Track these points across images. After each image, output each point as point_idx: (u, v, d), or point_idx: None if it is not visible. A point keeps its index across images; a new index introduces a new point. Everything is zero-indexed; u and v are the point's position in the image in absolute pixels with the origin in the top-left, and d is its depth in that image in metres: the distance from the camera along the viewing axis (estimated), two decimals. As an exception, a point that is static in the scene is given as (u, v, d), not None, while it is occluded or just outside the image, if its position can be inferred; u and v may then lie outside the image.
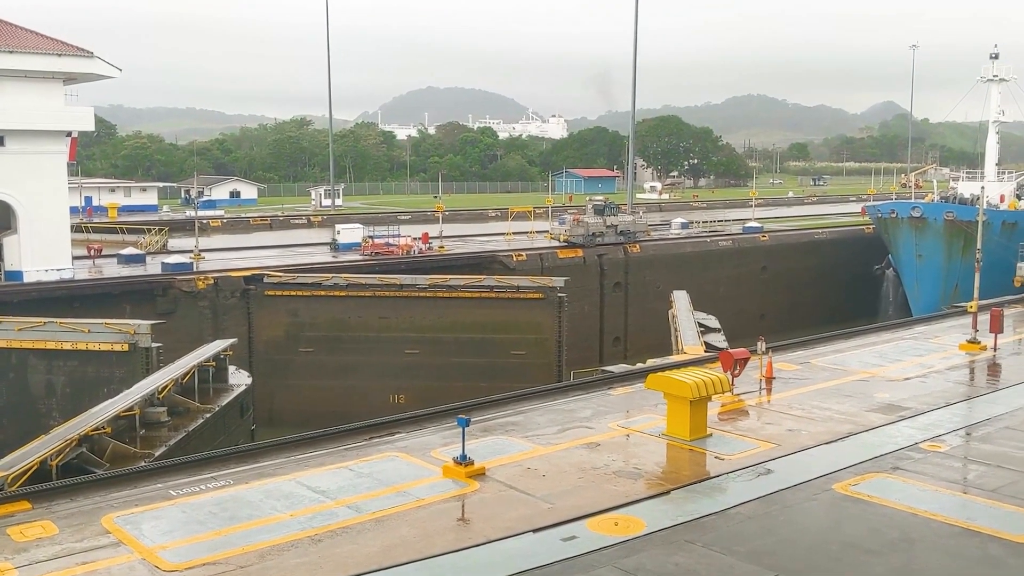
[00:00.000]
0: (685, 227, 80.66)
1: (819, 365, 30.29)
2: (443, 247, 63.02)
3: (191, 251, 57.21)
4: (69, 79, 48.93)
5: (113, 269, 53.71)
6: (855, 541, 15.91)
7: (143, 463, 22.05)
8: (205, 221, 79.34)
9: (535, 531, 16.36)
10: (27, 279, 46.70)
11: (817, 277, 74.62)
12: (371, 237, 63.28)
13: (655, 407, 23.82)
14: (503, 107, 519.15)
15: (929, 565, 15.08)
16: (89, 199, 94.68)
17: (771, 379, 27.60)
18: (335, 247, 64.15)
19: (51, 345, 36.13)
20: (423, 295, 48.54)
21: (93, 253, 57.34)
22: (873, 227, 70.99)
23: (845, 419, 23.73)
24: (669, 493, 18.37)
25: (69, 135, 50.30)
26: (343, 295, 48.59)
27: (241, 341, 41.57)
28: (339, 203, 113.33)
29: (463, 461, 19.32)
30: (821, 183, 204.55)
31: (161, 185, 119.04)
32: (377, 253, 59.49)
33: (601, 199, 71.03)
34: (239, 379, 32.74)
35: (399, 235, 63.89)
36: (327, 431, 22.45)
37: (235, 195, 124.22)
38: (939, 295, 60.47)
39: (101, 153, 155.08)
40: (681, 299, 42.68)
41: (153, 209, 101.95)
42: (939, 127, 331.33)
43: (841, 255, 76.78)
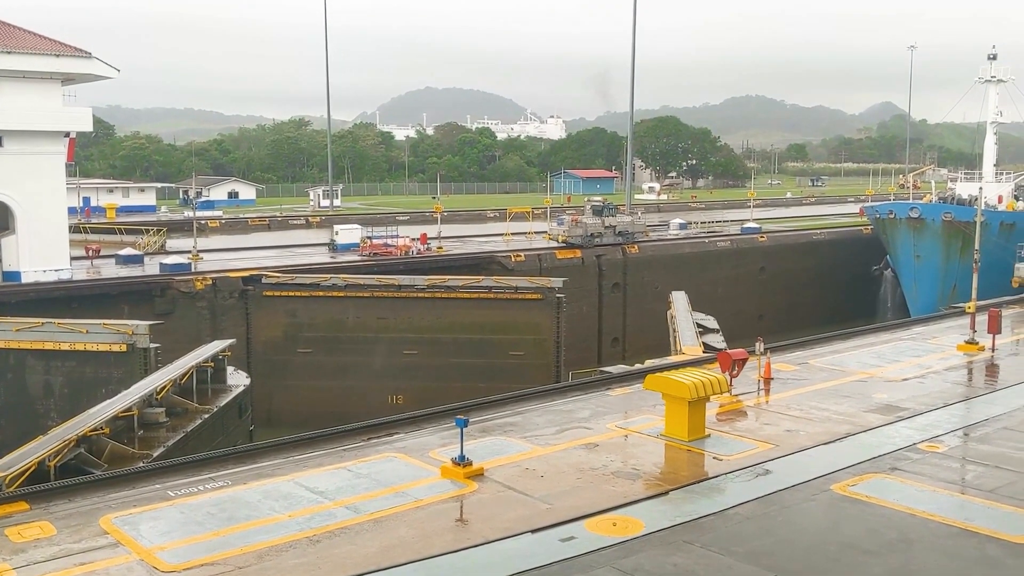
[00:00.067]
0: (683, 228, 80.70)
1: (817, 366, 30.32)
2: (441, 248, 63.02)
3: (189, 252, 57.20)
4: (67, 80, 48.92)
5: (111, 270, 53.66)
6: (853, 541, 15.92)
7: (141, 464, 22.06)
8: (203, 222, 79.40)
9: (533, 532, 16.36)
10: (25, 279, 46.69)
11: (815, 278, 74.69)
12: (369, 238, 63.30)
13: (653, 408, 23.84)
14: (501, 108, 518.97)
15: (927, 565, 15.09)
16: (87, 200, 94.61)
17: (769, 380, 27.63)
18: (333, 248, 64.15)
19: (49, 346, 36.17)
20: (421, 296, 48.56)
21: (91, 253, 57.38)
22: (871, 228, 71.08)
23: (843, 420, 23.75)
24: (667, 494, 18.38)
25: (67, 136, 50.30)
26: (341, 296, 48.63)
27: (239, 342, 41.54)
28: (337, 204, 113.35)
29: (461, 462, 19.32)
30: (819, 184, 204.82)
31: (159, 186, 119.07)
32: (375, 254, 59.47)
33: (599, 200, 70.97)
34: (237, 380, 32.75)
35: (397, 236, 63.87)
36: (325, 432, 22.46)
37: (233, 196, 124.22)
38: (937, 296, 60.54)
39: (99, 154, 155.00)
40: (680, 300, 42.73)
41: (151, 210, 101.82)
42: (937, 128, 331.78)
43: (839, 256, 76.86)
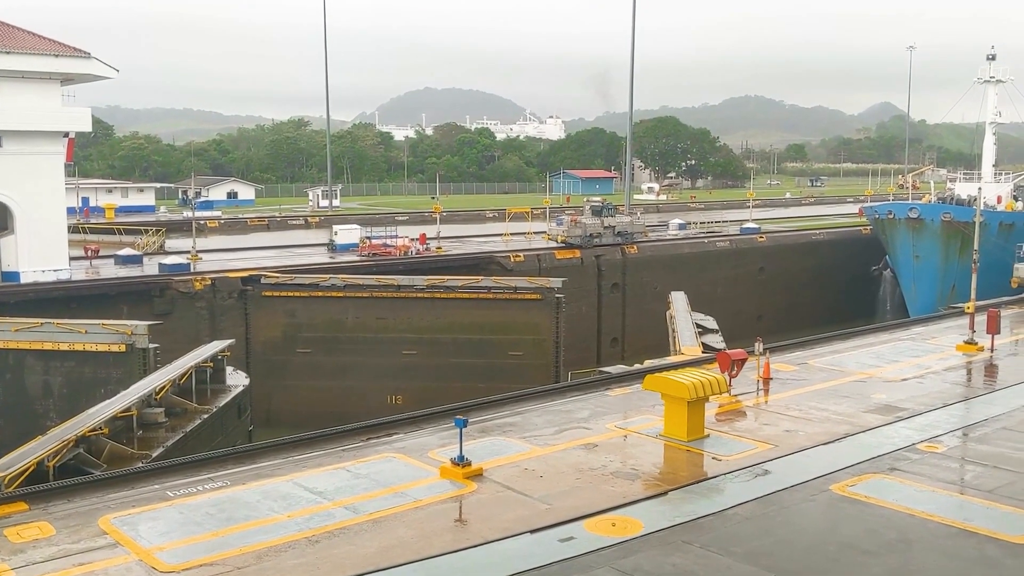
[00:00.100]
0: (683, 228, 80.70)
1: (816, 366, 30.33)
2: (441, 248, 63.01)
3: (188, 252, 57.17)
4: (66, 80, 48.90)
5: (110, 270, 53.63)
6: (852, 542, 15.92)
7: (140, 464, 22.04)
8: (202, 222, 79.40)
9: (532, 532, 16.36)
10: (24, 280, 46.67)
11: (814, 278, 74.70)
12: (368, 238, 63.27)
13: (653, 408, 23.84)
14: (500, 108, 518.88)
15: (926, 566, 15.10)
16: (86, 200, 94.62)
17: (768, 380, 27.64)
18: (332, 248, 64.10)
19: (48, 346, 36.11)
20: (421, 296, 48.54)
21: (90, 254, 57.36)
22: (870, 228, 71.09)
23: (842, 420, 23.76)
24: (666, 494, 18.39)
25: (66, 136, 50.28)
26: (340, 296, 48.61)
27: (238, 342, 41.50)
28: (336, 204, 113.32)
29: (460, 462, 19.32)
30: (818, 184, 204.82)
31: (158, 186, 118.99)
32: (375, 254, 59.45)
33: (599, 200, 70.96)
34: (237, 380, 32.71)
35: (397, 236, 63.84)
36: (324, 432, 22.45)
37: (232, 196, 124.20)
38: (936, 296, 60.54)
39: (98, 154, 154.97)
40: (679, 300, 42.75)
41: (150, 210, 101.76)
42: (936, 128, 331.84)
43: (838, 256, 76.87)
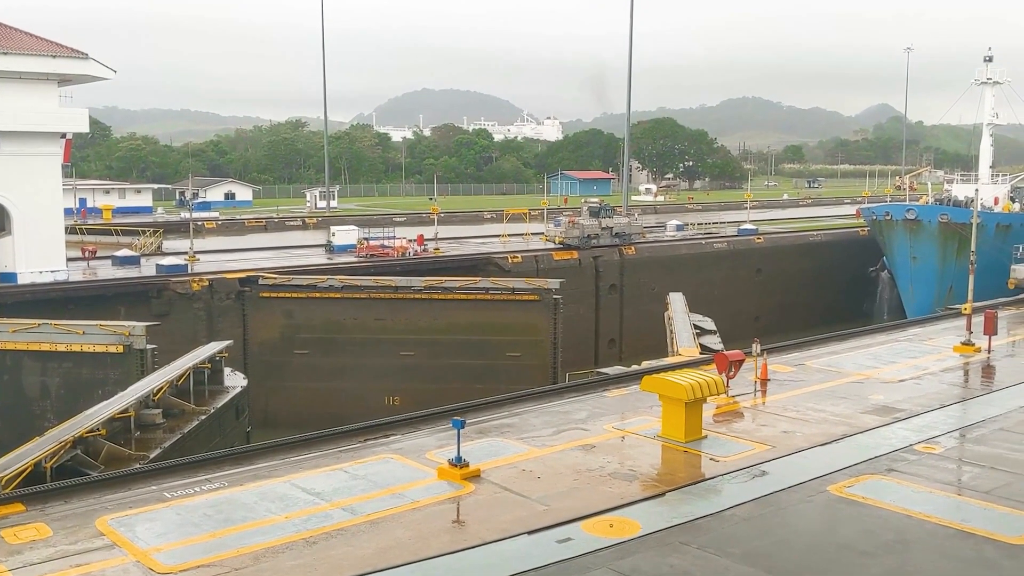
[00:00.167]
0: (680, 229, 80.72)
1: (814, 367, 30.34)
2: (438, 249, 63.04)
3: (186, 253, 57.13)
4: (64, 81, 48.87)
5: (108, 271, 53.58)
6: (850, 543, 15.93)
7: (138, 465, 22.01)
8: (200, 223, 79.31)
9: (530, 533, 16.36)
10: (21, 281, 46.62)
11: (812, 279, 74.75)
12: (366, 239, 63.23)
13: (650, 409, 23.84)
14: (498, 109, 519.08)
15: (924, 567, 15.10)
16: (84, 201, 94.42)
17: (766, 381, 27.66)
18: (330, 249, 64.09)
19: (46, 347, 36.05)
20: (418, 297, 48.51)
21: (87, 255, 57.28)
22: (868, 229, 71.16)
23: (840, 421, 23.78)
24: (664, 495, 18.38)
25: (64, 136, 50.22)
26: (338, 297, 48.59)
27: (236, 343, 41.46)
28: (334, 205, 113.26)
29: (458, 463, 19.32)
30: (816, 185, 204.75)
31: (156, 187, 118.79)
32: (372, 255, 59.45)
33: (596, 201, 71.03)
34: (235, 381, 32.69)
35: (394, 237, 63.82)
36: (322, 433, 22.44)
37: (230, 197, 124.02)
38: (933, 297, 60.59)
39: (96, 155, 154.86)
40: (677, 301, 42.79)
41: (148, 211, 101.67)
42: (934, 130, 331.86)
43: (836, 257, 76.93)
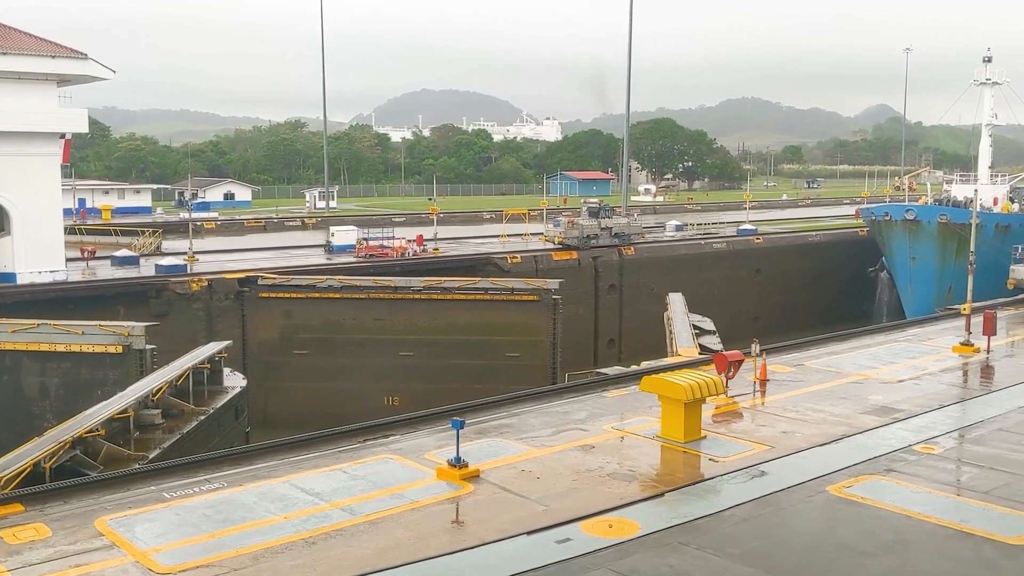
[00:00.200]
0: (679, 229, 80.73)
1: (813, 367, 30.35)
2: (438, 249, 63.04)
3: (185, 253, 57.14)
4: (63, 81, 48.86)
5: (107, 271, 53.56)
6: (849, 543, 15.93)
7: (137, 465, 22.01)
8: (199, 223, 79.29)
9: (529, 533, 16.35)
10: (20, 281, 46.61)
11: (811, 279, 74.77)
12: (365, 239, 63.24)
13: (649, 409, 23.85)
14: (497, 109, 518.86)
15: (923, 567, 15.11)
16: (83, 201, 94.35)
17: (765, 381, 27.66)
18: (329, 249, 64.09)
19: (45, 347, 36.03)
20: (418, 297, 48.51)
21: (87, 255, 57.23)
22: (867, 230, 71.17)
23: (839, 421, 23.78)
24: (663, 495, 18.39)
25: (63, 137, 50.24)
26: (337, 297, 48.60)
27: (235, 343, 41.44)
28: (333, 205, 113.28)
29: (457, 463, 19.31)
30: (815, 186, 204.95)
31: (155, 187, 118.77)
32: (371, 255, 59.43)
33: (596, 201, 71.06)
34: (234, 381, 32.70)
35: (393, 237, 63.84)
36: (321, 433, 22.43)
37: (229, 197, 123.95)
38: (933, 297, 60.60)
39: (95, 155, 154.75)
40: (676, 301, 42.81)
41: (147, 211, 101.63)
42: (933, 130, 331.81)
43: (835, 257, 76.96)
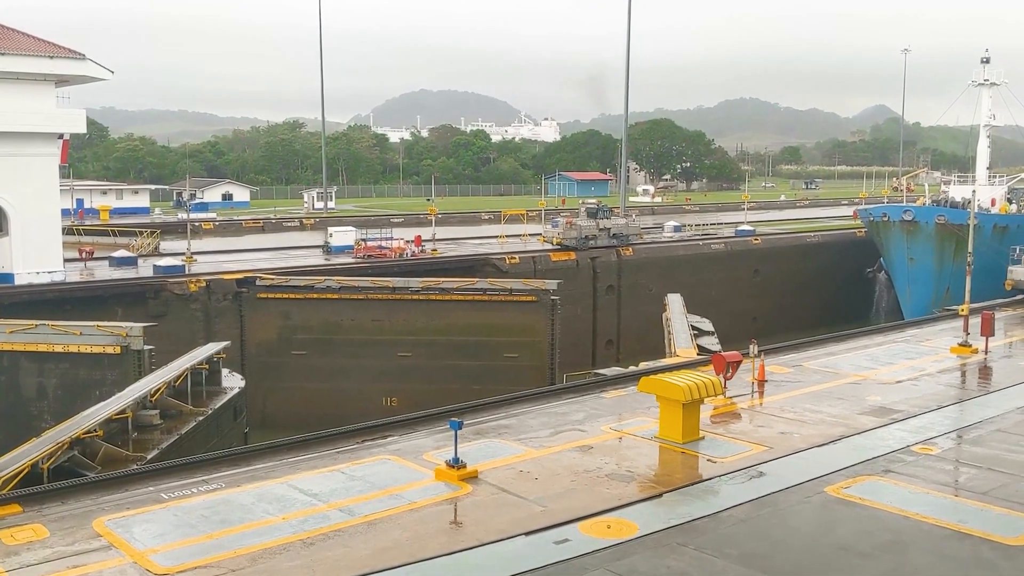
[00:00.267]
0: (678, 230, 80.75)
1: (811, 368, 30.37)
2: (436, 250, 63.02)
3: (183, 254, 57.14)
4: (61, 81, 48.81)
5: (105, 272, 53.52)
6: (847, 543, 15.94)
7: (135, 466, 21.99)
8: (197, 224, 79.26)
9: (527, 534, 16.35)
10: (18, 281, 46.54)
11: (809, 280, 74.81)
12: (364, 240, 63.24)
13: (648, 410, 23.86)
14: (496, 110, 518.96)
15: (921, 567, 15.12)
16: (81, 201, 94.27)
17: (763, 382, 27.67)
18: (328, 250, 64.05)
19: (42, 348, 35.96)
20: (416, 298, 48.50)
21: (84, 255, 57.18)
22: (865, 230, 71.21)
23: (837, 422, 23.79)
24: (661, 496, 18.39)
25: (61, 137, 50.18)
26: (336, 298, 48.57)
27: (233, 344, 41.43)
28: (332, 206, 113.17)
29: (455, 464, 19.31)
30: (813, 187, 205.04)
31: (153, 187, 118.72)
32: (370, 256, 59.42)
33: (594, 202, 71.10)
34: (232, 382, 32.67)
35: (392, 238, 63.82)
36: (319, 434, 22.43)
37: (227, 198, 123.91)
38: (931, 298, 60.63)
39: (93, 155, 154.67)
40: (675, 302, 42.83)
41: (145, 212, 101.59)
42: (931, 131, 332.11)
43: (833, 258, 77.01)
